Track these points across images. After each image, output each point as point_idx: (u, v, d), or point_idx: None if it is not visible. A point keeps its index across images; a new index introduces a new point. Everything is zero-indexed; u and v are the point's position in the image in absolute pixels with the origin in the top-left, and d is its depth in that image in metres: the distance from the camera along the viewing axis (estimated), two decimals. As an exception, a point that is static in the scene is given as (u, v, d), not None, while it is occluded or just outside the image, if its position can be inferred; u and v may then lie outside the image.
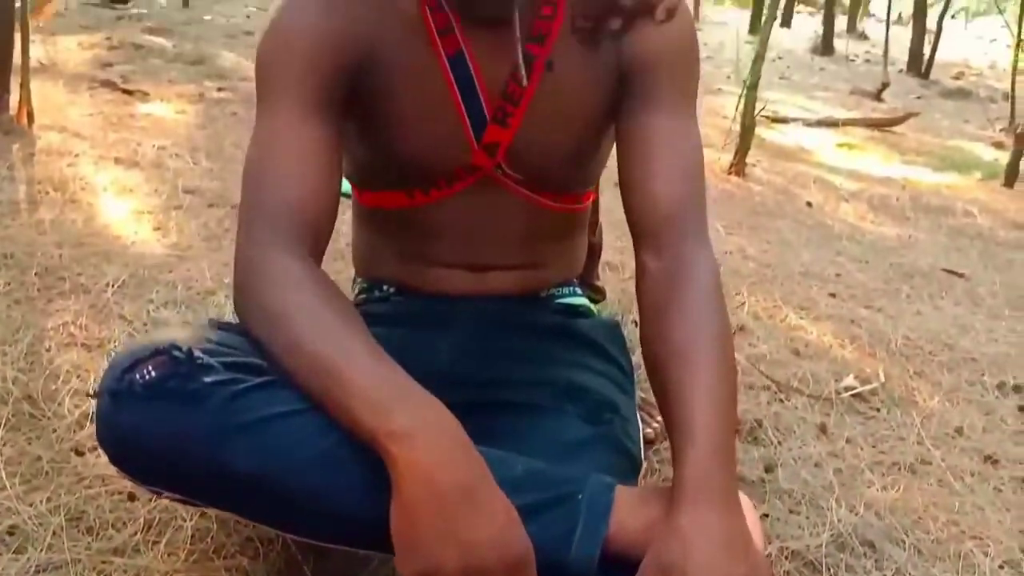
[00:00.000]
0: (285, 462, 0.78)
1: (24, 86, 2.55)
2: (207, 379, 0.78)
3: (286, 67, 0.95)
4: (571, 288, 1.26)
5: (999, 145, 4.69)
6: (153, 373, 0.78)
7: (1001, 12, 8.44)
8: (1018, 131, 3.67)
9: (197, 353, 0.80)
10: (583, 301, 1.27)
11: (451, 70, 0.99)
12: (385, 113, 1.00)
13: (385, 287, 1.19)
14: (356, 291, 1.25)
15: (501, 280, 1.15)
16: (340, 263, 1.78)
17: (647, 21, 1.00)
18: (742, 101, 3.19)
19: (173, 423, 0.77)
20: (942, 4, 7.41)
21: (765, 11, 3.49)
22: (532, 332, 1.15)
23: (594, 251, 1.52)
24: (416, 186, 1.07)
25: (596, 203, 1.51)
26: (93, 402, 1.01)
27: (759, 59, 3.12)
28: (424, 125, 1.01)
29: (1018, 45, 5.53)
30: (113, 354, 1.37)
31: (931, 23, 7.36)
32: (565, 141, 1.05)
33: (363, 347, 0.82)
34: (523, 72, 0.96)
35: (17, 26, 2.55)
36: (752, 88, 3.13)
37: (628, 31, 1.01)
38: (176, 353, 0.79)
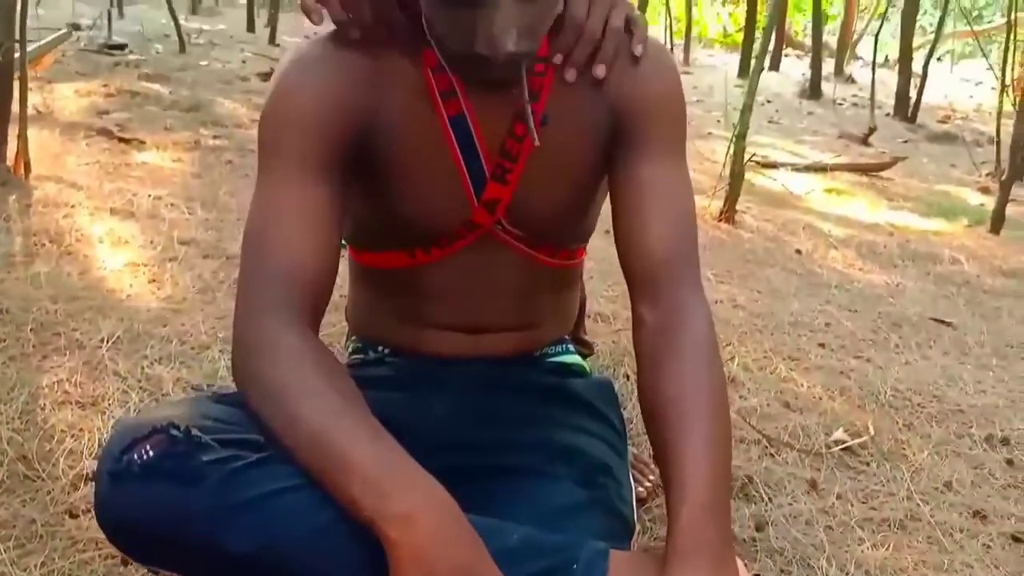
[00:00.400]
0: (282, 539, 0.78)
1: (21, 136, 2.58)
2: (205, 458, 0.79)
3: (289, 131, 0.97)
4: (564, 346, 1.28)
5: (985, 190, 4.74)
6: (151, 453, 0.79)
7: (986, 55, 8.58)
8: (1003, 178, 3.71)
9: (195, 432, 0.81)
10: (576, 359, 1.29)
11: (452, 130, 1.01)
12: (388, 174, 1.02)
13: (380, 348, 1.20)
14: (350, 350, 1.26)
15: (496, 342, 1.16)
16: (335, 315, 1.79)
17: (634, 73, 1.03)
18: (732, 149, 3.23)
19: (171, 503, 0.78)
20: (928, 48, 7.52)
21: (753, 60, 3.54)
22: (526, 394, 1.16)
23: (581, 306, 1.54)
24: (418, 245, 1.09)
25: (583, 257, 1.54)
26: (92, 484, 1.02)
27: (747, 109, 3.16)
28: (426, 184, 1.03)
29: (1003, 90, 5.62)
30: (110, 426, 1.38)
31: (917, 66, 7.46)
32: (563, 193, 1.08)
33: (361, 425, 0.83)
34: (534, 133, 0.98)
35: (16, 76, 2.59)
36: (741, 138, 3.18)
37: (611, 72, 1.03)
38: (174, 432, 0.80)
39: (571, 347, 1.29)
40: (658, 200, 1.02)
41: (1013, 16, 6.75)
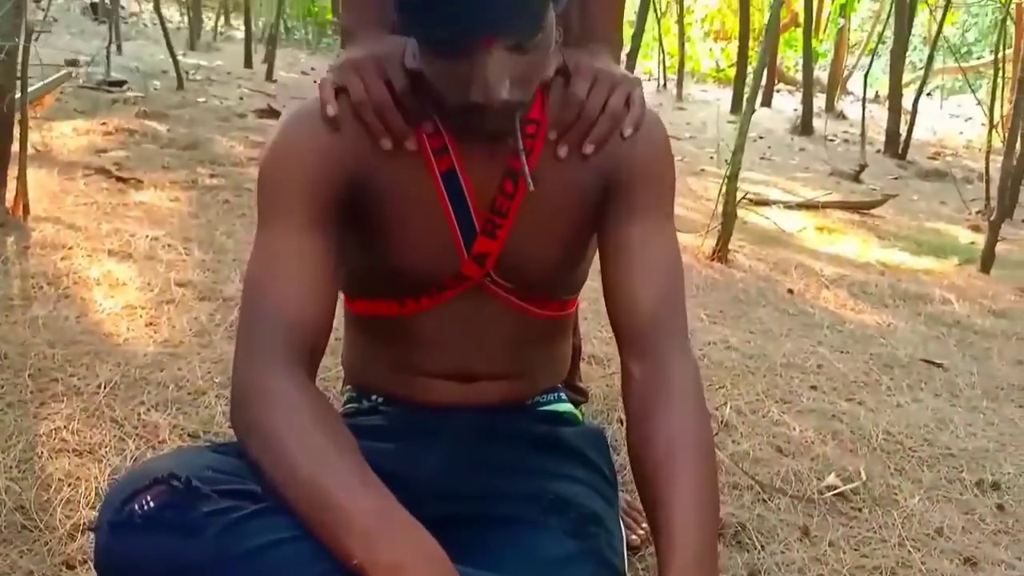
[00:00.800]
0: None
1: (20, 178, 2.59)
2: (205, 509, 0.81)
3: (287, 185, 1.00)
4: (556, 394, 1.29)
5: (975, 228, 4.79)
6: (152, 504, 0.80)
7: (974, 92, 8.70)
8: (992, 218, 3.75)
9: (195, 483, 0.82)
10: (568, 408, 1.30)
11: (444, 186, 1.04)
12: (381, 226, 1.05)
13: (374, 397, 1.22)
14: (345, 399, 1.28)
15: (488, 390, 1.18)
16: (330, 359, 1.81)
17: (619, 138, 1.06)
18: (724, 187, 3.27)
19: (171, 553, 0.79)
20: (918, 84, 7.62)
21: (745, 103, 3.59)
22: (518, 443, 1.17)
23: (575, 353, 1.56)
24: (408, 295, 1.11)
25: (576, 306, 1.56)
26: (92, 535, 1.02)
27: (739, 150, 3.21)
28: (418, 237, 1.06)
29: (991, 128, 5.69)
30: (107, 475, 1.39)
31: (907, 102, 7.55)
32: (551, 250, 1.10)
33: (355, 475, 0.85)
34: (529, 178, 1.01)
35: (16, 118, 2.61)
36: (733, 178, 3.21)
37: (600, 151, 1.06)
38: (175, 483, 0.82)
39: (563, 395, 1.31)
40: (645, 258, 1.05)
41: (1001, 53, 6.86)
